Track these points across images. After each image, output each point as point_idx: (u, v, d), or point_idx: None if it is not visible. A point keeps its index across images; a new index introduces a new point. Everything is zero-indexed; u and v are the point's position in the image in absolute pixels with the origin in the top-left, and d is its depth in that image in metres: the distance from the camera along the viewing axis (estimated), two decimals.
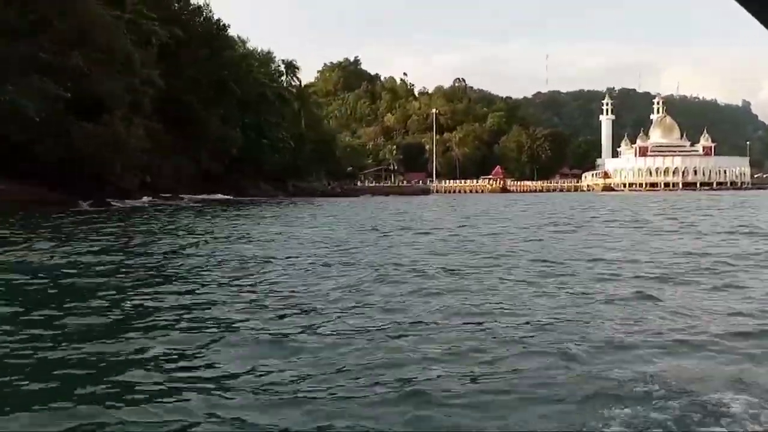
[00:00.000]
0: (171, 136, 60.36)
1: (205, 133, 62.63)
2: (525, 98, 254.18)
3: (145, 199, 50.74)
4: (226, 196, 62.39)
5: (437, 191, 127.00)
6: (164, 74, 58.56)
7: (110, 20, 47.61)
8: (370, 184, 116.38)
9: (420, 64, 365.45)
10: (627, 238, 19.20)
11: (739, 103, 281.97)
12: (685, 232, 21.73)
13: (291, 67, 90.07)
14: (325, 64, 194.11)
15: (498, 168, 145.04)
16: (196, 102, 62.47)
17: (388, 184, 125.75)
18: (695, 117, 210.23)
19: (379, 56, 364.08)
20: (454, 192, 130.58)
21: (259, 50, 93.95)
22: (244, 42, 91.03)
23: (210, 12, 69.10)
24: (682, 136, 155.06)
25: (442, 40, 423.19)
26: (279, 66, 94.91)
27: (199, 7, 68.31)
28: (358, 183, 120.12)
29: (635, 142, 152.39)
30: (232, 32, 72.72)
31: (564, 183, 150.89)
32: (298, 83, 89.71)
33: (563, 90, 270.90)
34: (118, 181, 48.48)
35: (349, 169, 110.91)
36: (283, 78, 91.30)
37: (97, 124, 42.28)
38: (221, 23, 67.57)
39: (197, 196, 60.12)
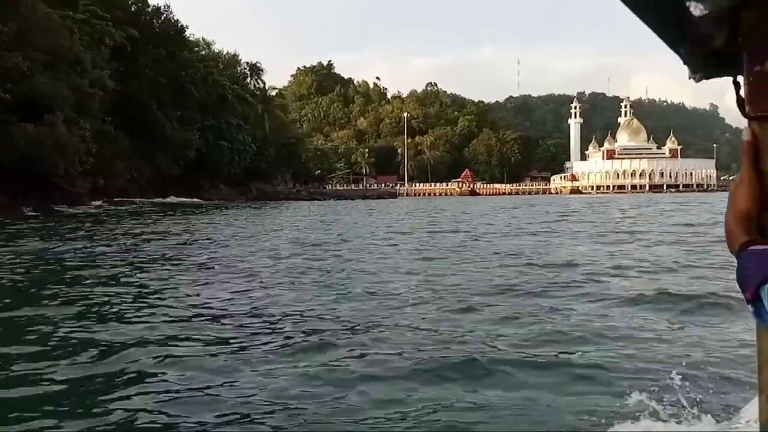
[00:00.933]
0: (128, 138, 59.15)
1: (162, 135, 61.39)
2: (497, 102, 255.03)
3: (95, 203, 49.47)
4: (181, 199, 61.17)
5: (406, 194, 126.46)
6: (122, 76, 57.38)
7: (57, 20, 46.32)
8: (340, 187, 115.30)
9: (394, 69, 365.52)
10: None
11: (707, 107, 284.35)
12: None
13: (255, 70, 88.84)
14: (298, 68, 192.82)
15: (467, 171, 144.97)
16: (155, 104, 61.25)
17: (359, 188, 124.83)
18: (664, 120, 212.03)
19: (354, 62, 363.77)
20: (424, 195, 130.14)
21: (224, 53, 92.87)
22: (209, 44, 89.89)
23: (170, 13, 67.93)
24: (649, 138, 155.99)
25: (416, 45, 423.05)
26: (245, 69, 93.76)
27: (158, 8, 67.11)
28: (329, 186, 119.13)
29: (603, 145, 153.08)
30: (198, 34, 71.57)
31: (533, 185, 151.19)
32: (262, 85, 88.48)
33: (534, 94, 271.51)
34: (68, 186, 47.12)
35: (318, 172, 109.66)
36: (249, 80, 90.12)
37: (39, 126, 40.89)
38: (180, 24, 66.35)
39: (152, 199, 58.88)
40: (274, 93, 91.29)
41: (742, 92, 1.05)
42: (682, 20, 1.12)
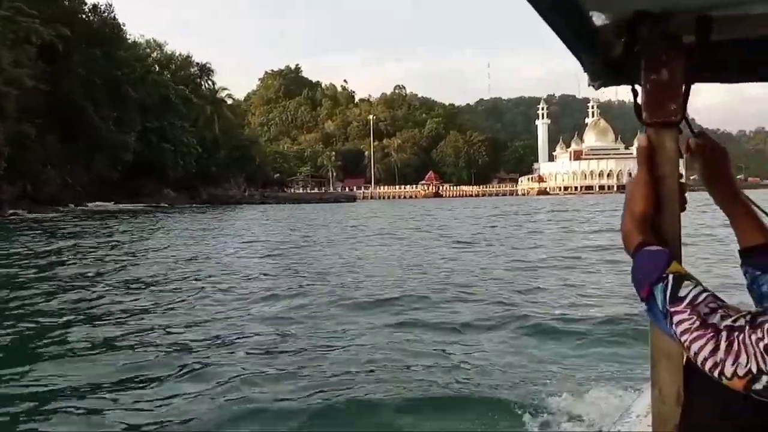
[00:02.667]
0: (60, 141, 54.97)
1: (97, 138, 57.17)
2: (468, 105, 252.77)
3: (10, 211, 45.15)
4: (122, 205, 57.06)
5: (371, 197, 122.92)
6: (52, 76, 53.25)
7: None
8: (299, 191, 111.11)
9: (365, 75, 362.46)
10: None
11: None
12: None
13: (205, 71, 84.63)
14: (266, 71, 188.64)
15: (431, 173, 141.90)
16: (89, 105, 57.06)
17: (322, 191, 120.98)
18: (634, 122, 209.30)
19: (324, 67, 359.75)
20: (388, 198, 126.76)
21: (177, 54, 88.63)
22: (160, 45, 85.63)
23: (111, 12, 63.60)
24: (616, 139, 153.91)
25: (386, 50, 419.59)
26: (196, 70, 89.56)
27: (95, 6, 62.79)
28: (291, 189, 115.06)
29: (570, 146, 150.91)
30: (149, 35, 67.13)
31: (500, 187, 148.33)
32: (212, 87, 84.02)
33: (505, 97, 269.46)
34: None
35: (277, 175, 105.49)
36: (200, 82, 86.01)
37: None
38: (117, 22, 62.05)
39: (86, 206, 54.74)
40: (224, 95, 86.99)
41: (639, 100, 1.08)
42: (585, 29, 1.13)
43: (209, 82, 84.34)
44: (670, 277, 0.91)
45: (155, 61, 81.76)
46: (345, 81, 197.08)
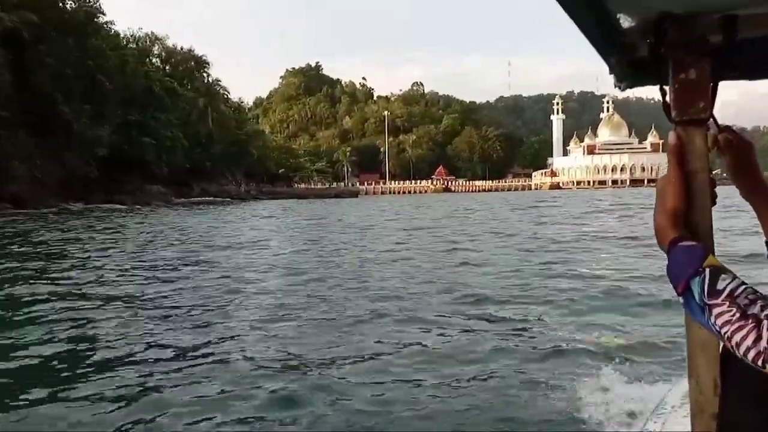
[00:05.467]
0: (30, 135, 50.42)
1: (70, 133, 52.45)
2: (488, 102, 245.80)
3: None
4: (92, 205, 52.05)
5: (371, 192, 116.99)
6: (17, 66, 48.65)
7: None
8: (303, 186, 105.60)
9: (388, 76, 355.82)
10: None
11: None
12: None
13: (200, 63, 79.74)
14: (287, 69, 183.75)
15: (440, 168, 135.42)
16: (60, 97, 52.37)
17: (333, 186, 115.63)
18: (650, 118, 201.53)
19: (345, 66, 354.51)
20: (397, 193, 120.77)
21: (179, 48, 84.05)
22: (159, 39, 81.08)
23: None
24: (630, 134, 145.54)
25: (407, 52, 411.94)
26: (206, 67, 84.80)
27: None
28: (303, 185, 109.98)
29: (584, 141, 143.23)
30: (149, 29, 61.79)
31: (514, 182, 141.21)
32: (206, 79, 78.82)
33: (525, 95, 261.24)
34: None
35: (281, 171, 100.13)
36: (204, 76, 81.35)
37: None
38: (94, 8, 56.80)
39: (55, 206, 49.88)
40: (218, 88, 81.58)
41: (668, 99, 1.07)
42: (612, 31, 1.13)
43: (204, 74, 79.43)
44: (707, 270, 0.88)
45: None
46: (364, 78, 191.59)
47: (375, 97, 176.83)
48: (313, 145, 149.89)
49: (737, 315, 0.83)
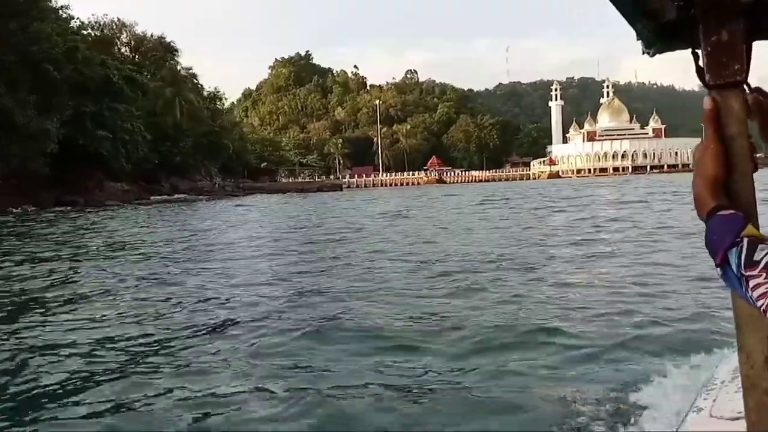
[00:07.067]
0: None
1: (14, 126, 46.52)
2: (486, 90, 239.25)
3: None
4: (36, 207, 45.94)
5: (361, 186, 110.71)
6: None
7: None
8: (285, 180, 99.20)
9: (381, 64, 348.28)
10: None
11: (696, 88, 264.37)
12: None
13: (168, 49, 73.39)
14: (276, 59, 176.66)
15: (433, 159, 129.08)
16: (3, 87, 46.43)
17: (323, 180, 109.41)
18: (653, 103, 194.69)
19: (337, 56, 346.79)
20: (389, 185, 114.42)
21: (149, 35, 77.75)
22: (126, 25, 74.84)
23: None
24: (632, 119, 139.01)
25: (404, 40, 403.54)
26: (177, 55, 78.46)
27: None
28: (290, 179, 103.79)
29: (584, 127, 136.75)
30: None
31: (512, 171, 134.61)
32: (174, 67, 72.30)
33: (524, 81, 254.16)
34: None
35: (264, 164, 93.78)
36: (173, 64, 75.02)
37: None
38: None
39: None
40: (186, 74, 75.05)
41: (700, 62, 1.02)
42: None
43: (173, 63, 73.02)
44: (745, 240, 0.84)
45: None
46: (356, 67, 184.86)
47: (368, 87, 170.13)
48: (303, 137, 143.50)
49: None
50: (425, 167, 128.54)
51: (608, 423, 3.99)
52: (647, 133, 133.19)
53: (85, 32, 64.17)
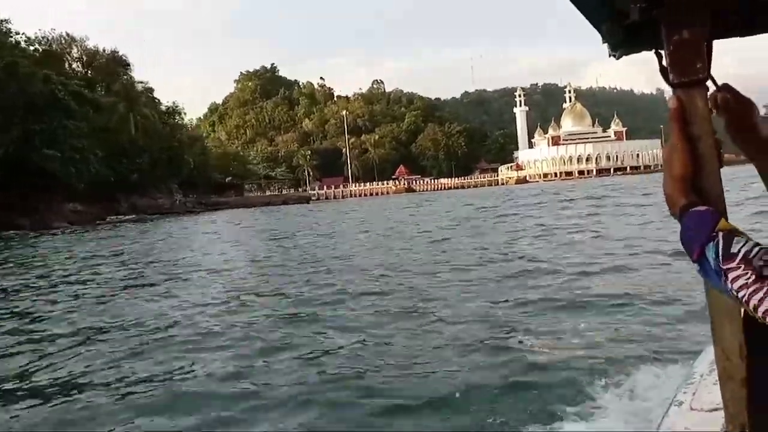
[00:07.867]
0: None
1: None
2: (453, 98, 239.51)
3: None
4: None
5: (330, 198, 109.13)
6: None
7: None
8: (252, 194, 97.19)
9: (348, 76, 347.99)
10: None
11: (654, 91, 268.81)
12: None
13: (122, 64, 71.20)
14: (241, 72, 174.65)
15: (401, 168, 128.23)
16: None
17: (289, 193, 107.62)
18: (613, 107, 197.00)
19: (305, 70, 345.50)
20: (359, 196, 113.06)
21: (102, 50, 75.37)
22: (75, 40, 72.47)
23: None
24: (594, 123, 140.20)
25: (370, 52, 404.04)
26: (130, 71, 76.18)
27: None
28: (258, 192, 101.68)
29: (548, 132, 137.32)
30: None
31: (481, 178, 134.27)
32: (128, 82, 69.87)
33: (490, 89, 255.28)
34: None
35: (228, 179, 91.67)
36: (126, 79, 72.70)
37: None
38: None
39: None
40: (140, 87, 72.89)
41: (664, 62, 1.03)
42: None
43: (126, 77, 70.75)
44: (720, 234, 0.84)
45: (75, 58, 68.95)
46: (322, 78, 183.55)
47: (335, 98, 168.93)
48: (271, 150, 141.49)
49: (753, 277, 0.80)
50: (393, 176, 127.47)
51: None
52: (609, 136, 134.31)
53: (32, 48, 61.80)
